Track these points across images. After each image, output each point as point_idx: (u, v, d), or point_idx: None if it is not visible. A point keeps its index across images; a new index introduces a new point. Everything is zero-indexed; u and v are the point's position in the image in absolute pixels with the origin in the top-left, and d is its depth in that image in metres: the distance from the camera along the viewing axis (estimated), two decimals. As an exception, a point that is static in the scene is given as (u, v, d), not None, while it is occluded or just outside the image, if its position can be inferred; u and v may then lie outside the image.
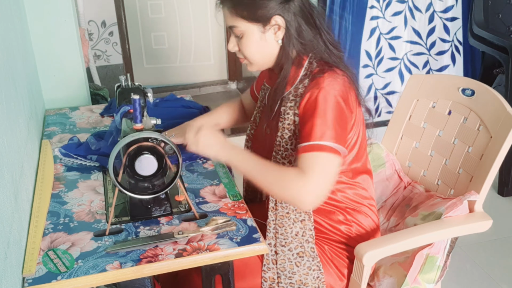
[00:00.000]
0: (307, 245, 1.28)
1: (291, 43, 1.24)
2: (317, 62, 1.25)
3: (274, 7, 1.20)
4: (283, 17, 1.21)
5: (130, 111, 1.36)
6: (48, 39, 1.90)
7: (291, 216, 1.27)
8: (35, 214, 1.21)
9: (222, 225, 1.14)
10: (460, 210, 1.32)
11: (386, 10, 2.99)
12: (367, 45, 3.04)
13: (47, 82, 1.95)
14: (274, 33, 1.24)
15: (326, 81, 1.20)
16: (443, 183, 1.51)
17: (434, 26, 3.06)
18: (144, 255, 1.07)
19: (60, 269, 1.03)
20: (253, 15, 1.21)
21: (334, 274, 1.31)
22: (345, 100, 1.20)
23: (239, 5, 1.22)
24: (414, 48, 3.11)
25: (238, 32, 1.25)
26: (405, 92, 1.63)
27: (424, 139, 1.58)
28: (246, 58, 1.29)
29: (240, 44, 1.27)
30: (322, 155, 1.16)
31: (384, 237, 1.32)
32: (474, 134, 1.42)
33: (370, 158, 1.62)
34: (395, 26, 3.03)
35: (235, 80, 4.02)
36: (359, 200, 1.34)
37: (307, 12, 1.24)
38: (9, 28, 1.39)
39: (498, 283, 2.02)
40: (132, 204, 1.20)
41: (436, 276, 1.31)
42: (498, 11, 2.85)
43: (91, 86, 2.37)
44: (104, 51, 3.54)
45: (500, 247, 2.22)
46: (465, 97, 1.46)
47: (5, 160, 1.03)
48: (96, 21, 3.44)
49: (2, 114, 1.07)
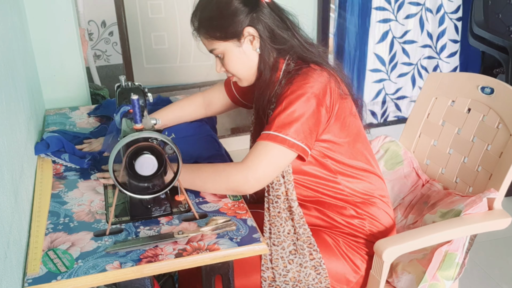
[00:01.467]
0: (298, 242, 1.30)
1: (267, 49, 1.28)
2: (295, 62, 1.28)
3: (243, 20, 1.25)
4: (253, 27, 1.26)
5: (130, 111, 1.36)
6: (48, 39, 1.90)
7: (282, 215, 1.30)
8: (36, 213, 1.21)
9: (222, 225, 1.14)
10: (479, 207, 1.33)
11: (399, 13, 2.93)
12: (378, 49, 2.99)
13: (47, 82, 1.95)
14: (250, 44, 1.28)
15: (301, 77, 1.23)
16: (461, 181, 1.51)
17: (445, 28, 3.01)
18: (144, 255, 1.07)
19: (60, 269, 1.03)
20: (225, 34, 1.26)
21: (349, 266, 1.33)
22: (320, 98, 1.22)
23: (211, 28, 1.27)
24: (426, 51, 3.07)
25: (219, 53, 1.30)
26: (424, 90, 1.64)
27: (442, 137, 1.58)
28: (234, 75, 1.34)
29: (224, 64, 1.32)
30: (273, 146, 1.20)
31: (404, 233, 1.32)
32: (494, 132, 1.42)
33: (388, 156, 1.64)
34: (409, 30, 2.98)
35: (235, 80, 4.01)
36: (368, 192, 1.36)
37: (276, 16, 1.28)
38: (9, 28, 1.39)
39: (498, 283, 2.02)
40: (132, 204, 1.20)
41: (454, 273, 1.32)
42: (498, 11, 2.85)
43: (91, 86, 2.38)
44: (104, 51, 3.54)
45: (500, 247, 2.22)
46: (484, 95, 1.46)
47: (5, 160, 1.03)
48: (96, 21, 3.44)
49: (2, 114, 1.07)
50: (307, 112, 1.21)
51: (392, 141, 1.66)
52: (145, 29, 3.75)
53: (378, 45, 2.98)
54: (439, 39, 3.04)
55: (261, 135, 1.23)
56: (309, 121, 1.21)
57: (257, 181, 1.22)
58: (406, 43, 3.02)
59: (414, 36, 3.02)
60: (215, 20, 1.26)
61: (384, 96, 3.12)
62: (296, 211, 1.30)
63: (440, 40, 3.05)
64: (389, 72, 3.06)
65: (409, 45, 3.03)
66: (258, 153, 1.21)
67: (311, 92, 1.21)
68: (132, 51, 3.73)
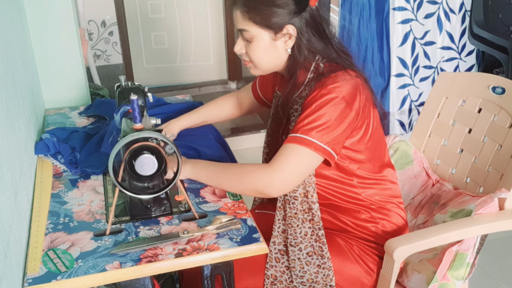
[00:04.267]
0: (315, 244, 1.29)
1: (301, 53, 1.25)
2: (325, 64, 1.26)
3: (288, 16, 1.22)
4: (295, 26, 1.23)
5: (130, 111, 1.36)
6: (48, 39, 1.90)
7: (299, 216, 1.29)
8: (36, 213, 1.21)
9: (227, 224, 1.14)
10: (490, 207, 1.33)
11: (418, 12, 2.74)
12: (400, 52, 2.76)
13: (47, 82, 1.95)
14: (284, 42, 1.25)
15: (331, 80, 1.21)
16: (472, 180, 1.51)
17: (465, 27, 2.87)
18: (144, 255, 1.07)
19: (60, 269, 1.03)
20: (266, 21, 1.22)
21: (362, 270, 1.32)
22: (349, 102, 1.20)
23: (253, 10, 1.22)
24: (446, 53, 2.88)
25: (248, 36, 1.26)
26: (434, 90, 1.64)
27: (452, 137, 1.58)
28: (252, 61, 1.30)
29: (248, 47, 1.28)
30: (300, 149, 1.18)
31: (414, 232, 1.32)
32: (505, 132, 1.42)
33: (398, 155, 1.64)
34: (428, 30, 2.79)
35: (235, 80, 4.02)
36: (383, 198, 1.35)
37: (318, 23, 1.26)
38: (9, 28, 1.39)
39: (498, 283, 2.02)
40: (132, 204, 1.20)
41: (465, 273, 1.32)
42: (498, 11, 2.85)
43: (91, 86, 2.37)
44: (104, 51, 3.54)
45: (500, 247, 2.22)
46: (496, 95, 1.46)
47: (5, 160, 1.03)
48: (96, 21, 3.43)
49: (2, 114, 1.07)
50: (336, 117, 1.19)
51: (402, 141, 1.66)
52: (145, 29, 3.76)
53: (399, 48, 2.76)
54: (461, 38, 2.90)
55: (288, 137, 1.21)
56: (338, 126, 1.19)
57: (283, 184, 1.20)
58: (427, 45, 2.83)
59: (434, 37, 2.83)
60: (263, 3, 1.22)
61: (410, 103, 2.92)
62: (316, 213, 1.28)
63: (462, 39, 2.89)
64: (412, 76, 2.87)
65: (429, 46, 2.84)
66: (285, 156, 1.19)
67: (341, 97, 1.19)
68: (132, 51, 3.74)
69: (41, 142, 1.50)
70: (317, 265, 1.28)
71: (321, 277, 1.28)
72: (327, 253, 1.28)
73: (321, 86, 1.21)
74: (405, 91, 2.86)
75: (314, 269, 1.28)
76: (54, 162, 1.46)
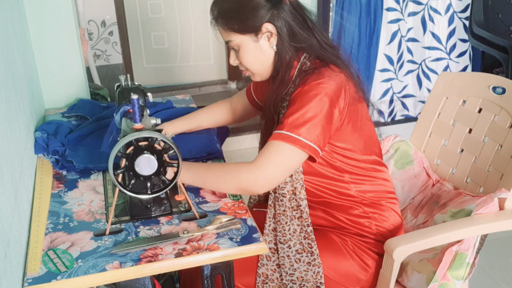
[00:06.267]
0: (304, 241, 1.29)
1: (284, 48, 1.27)
2: (311, 61, 1.27)
3: (263, 16, 1.24)
4: (273, 23, 1.25)
5: (130, 110, 1.36)
6: (48, 39, 1.90)
7: (287, 214, 1.30)
8: (36, 213, 1.21)
9: (227, 223, 1.14)
10: (490, 207, 1.33)
11: (405, 10, 2.91)
12: (388, 50, 2.97)
13: (47, 82, 1.95)
14: (267, 40, 1.27)
15: (315, 77, 1.22)
16: (472, 181, 1.51)
17: (454, 28, 2.98)
18: (144, 254, 1.07)
19: (60, 268, 1.03)
20: (243, 27, 1.25)
21: (357, 265, 1.33)
22: (333, 98, 1.21)
23: (230, 20, 1.26)
24: (432, 53, 3.03)
25: (234, 45, 1.29)
26: (435, 89, 1.64)
27: (453, 137, 1.58)
28: (247, 69, 1.33)
29: (238, 56, 1.31)
30: (284, 146, 1.19)
31: (414, 232, 1.32)
32: (505, 132, 1.42)
33: (398, 155, 1.64)
34: (411, 27, 2.96)
35: (235, 80, 4.02)
36: (376, 194, 1.36)
37: (298, 15, 1.27)
38: (9, 28, 1.39)
39: (498, 283, 2.02)
40: (132, 204, 1.20)
41: (465, 273, 1.32)
42: (498, 11, 2.85)
43: (91, 86, 2.37)
44: (104, 51, 3.54)
45: (500, 247, 2.22)
46: (496, 95, 1.46)
47: (5, 160, 1.03)
48: (96, 21, 3.43)
49: (2, 114, 1.07)
50: (320, 113, 1.20)
51: (402, 141, 1.66)
52: (145, 29, 3.76)
53: (387, 46, 2.96)
54: (448, 39, 3.01)
55: (272, 134, 1.22)
56: (322, 122, 1.20)
57: (267, 181, 1.21)
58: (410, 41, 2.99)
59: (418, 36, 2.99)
60: (235, 11, 1.25)
61: (392, 95, 3.10)
62: (304, 209, 1.29)
63: (450, 40, 3.01)
64: (396, 71, 3.04)
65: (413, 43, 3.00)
66: (269, 152, 1.20)
67: (325, 93, 1.20)
68: (132, 51, 3.74)
69: (39, 142, 1.51)
70: (307, 263, 1.29)
71: (311, 275, 1.28)
72: (316, 250, 1.29)
73: (304, 83, 1.23)
74: (388, 84, 3.07)
75: (304, 266, 1.29)
76: (46, 158, 1.46)
